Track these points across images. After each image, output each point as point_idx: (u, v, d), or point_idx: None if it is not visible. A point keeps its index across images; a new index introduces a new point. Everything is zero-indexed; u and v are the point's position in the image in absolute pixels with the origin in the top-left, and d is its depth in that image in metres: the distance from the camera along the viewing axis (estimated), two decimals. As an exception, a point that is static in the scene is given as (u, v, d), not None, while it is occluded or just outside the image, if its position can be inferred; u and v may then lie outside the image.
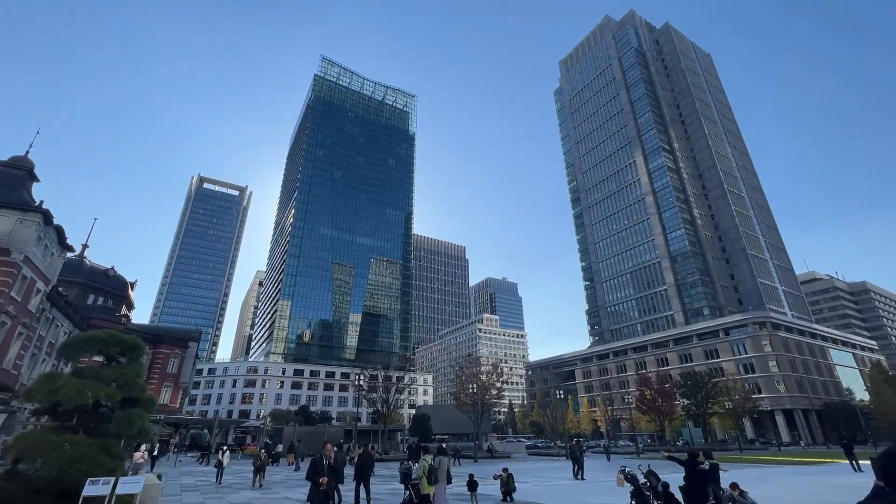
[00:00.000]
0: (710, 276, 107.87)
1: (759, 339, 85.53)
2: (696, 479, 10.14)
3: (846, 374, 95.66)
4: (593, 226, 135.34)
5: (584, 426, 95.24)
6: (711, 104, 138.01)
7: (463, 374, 53.18)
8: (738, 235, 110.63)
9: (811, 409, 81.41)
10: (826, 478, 23.90)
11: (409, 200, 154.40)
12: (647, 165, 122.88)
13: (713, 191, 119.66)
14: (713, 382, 67.68)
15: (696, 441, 69.19)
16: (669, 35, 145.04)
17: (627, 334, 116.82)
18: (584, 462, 26.25)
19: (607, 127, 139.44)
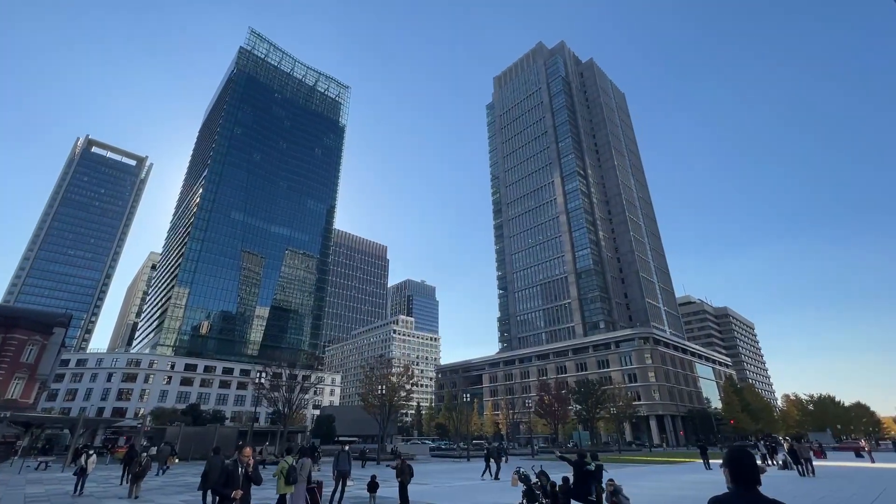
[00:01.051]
0: (607, 294, 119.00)
1: (642, 352, 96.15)
2: (583, 478, 11.23)
3: (706, 385, 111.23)
4: (511, 238, 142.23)
5: (486, 428, 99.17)
6: (622, 139, 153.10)
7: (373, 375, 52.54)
8: (634, 259, 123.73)
9: (678, 415, 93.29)
10: (684, 475, 27.63)
11: (333, 194, 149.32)
12: (563, 187, 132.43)
13: (616, 217, 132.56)
14: (602, 390, 74.56)
15: (583, 443, 75.71)
16: (592, 70, 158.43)
17: (533, 342, 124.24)
18: (501, 463, 27.40)
19: (532, 146, 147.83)
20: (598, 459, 12.26)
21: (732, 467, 3.20)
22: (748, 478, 3.11)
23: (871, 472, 29.27)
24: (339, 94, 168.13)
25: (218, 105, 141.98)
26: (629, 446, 79.23)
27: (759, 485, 3.21)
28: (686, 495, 18.33)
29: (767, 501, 3.00)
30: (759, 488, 3.15)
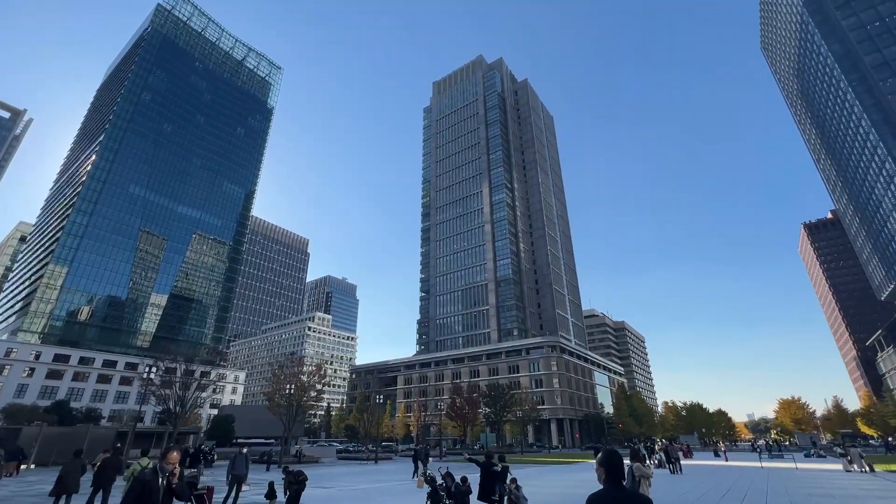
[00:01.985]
0: (523, 303, 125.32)
1: (549, 359, 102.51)
2: (489, 479, 11.72)
3: (602, 391, 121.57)
4: (437, 242, 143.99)
5: (397, 430, 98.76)
6: (547, 158, 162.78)
7: (282, 374, 49.75)
8: (549, 272, 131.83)
9: (575, 419, 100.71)
10: (577, 474, 29.93)
11: (254, 178, 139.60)
12: (491, 197, 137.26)
13: (536, 231, 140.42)
14: (511, 394, 78.12)
15: (490, 445, 78.60)
16: (526, 90, 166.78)
17: (450, 346, 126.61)
18: (427, 464, 27.35)
19: (464, 154, 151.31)
20: (504, 461, 12.88)
21: (605, 467, 3.63)
22: (616, 476, 3.56)
23: (726, 468, 34.19)
24: (269, 74, 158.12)
25: (125, 64, 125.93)
26: (531, 448, 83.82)
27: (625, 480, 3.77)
28: (577, 493, 19.90)
29: (630, 495, 3.50)
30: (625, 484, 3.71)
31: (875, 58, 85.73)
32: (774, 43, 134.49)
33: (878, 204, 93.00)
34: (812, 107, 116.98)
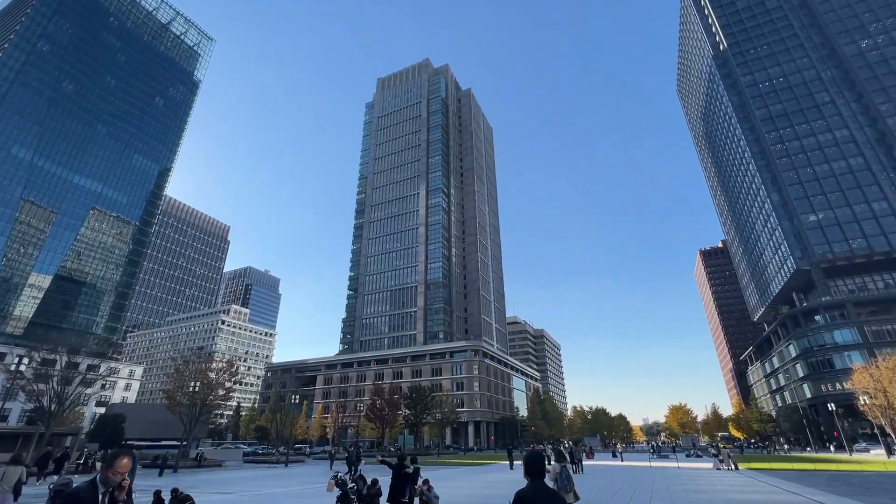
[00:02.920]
0: (450, 307, 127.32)
1: (472, 363, 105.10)
2: (400, 481, 11.81)
3: (518, 396, 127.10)
4: (370, 240, 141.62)
5: (313, 432, 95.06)
6: (484, 168, 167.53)
7: (186, 370, 45.70)
8: (477, 278, 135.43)
9: (492, 422, 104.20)
10: (491, 475, 30.99)
11: (171, 154, 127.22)
12: (427, 200, 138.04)
13: (469, 237, 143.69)
14: (432, 396, 78.86)
15: (407, 446, 78.58)
16: (469, 99, 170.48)
17: (375, 347, 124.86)
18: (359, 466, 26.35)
19: (405, 155, 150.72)
20: (416, 462, 13.01)
21: (526, 465, 4.46)
22: (536, 472, 4.38)
23: (621, 468, 37.42)
24: (199, 44, 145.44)
25: (18, 6, 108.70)
26: (447, 449, 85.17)
27: (543, 478, 4.44)
28: (486, 493, 20.63)
29: (548, 491, 4.32)
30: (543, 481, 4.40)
31: (763, 112, 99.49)
32: (688, 88, 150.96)
33: (757, 238, 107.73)
34: (713, 148, 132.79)
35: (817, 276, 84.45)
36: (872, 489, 20.71)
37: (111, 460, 4.59)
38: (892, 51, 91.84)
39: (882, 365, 55.70)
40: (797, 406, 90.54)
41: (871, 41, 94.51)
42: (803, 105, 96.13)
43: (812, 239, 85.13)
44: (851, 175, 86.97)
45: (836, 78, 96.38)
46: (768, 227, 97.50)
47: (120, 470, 4.46)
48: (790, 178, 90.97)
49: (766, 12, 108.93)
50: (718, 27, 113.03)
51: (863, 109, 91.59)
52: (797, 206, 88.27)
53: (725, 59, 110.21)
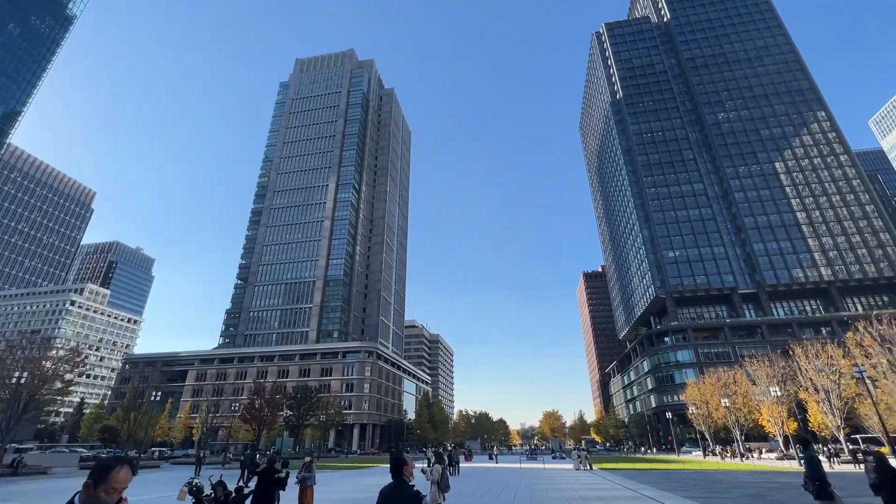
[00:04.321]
0: (349, 305, 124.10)
1: (364, 364, 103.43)
2: (268, 485, 11.19)
3: (408, 399, 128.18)
4: (269, 228, 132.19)
5: (176, 434, 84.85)
6: (399, 170, 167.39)
7: (12, 356, 37.76)
8: (380, 279, 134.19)
9: (379, 425, 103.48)
10: (367, 478, 30.75)
11: (24, 96, 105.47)
12: (336, 194, 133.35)
13: (376, 237, 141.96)
14: (319, 397, 75.83)
15: (286, 450, 74.32)
16: (391, 99, 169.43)
17: (262, 342, 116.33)
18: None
19: (317, 144, 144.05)
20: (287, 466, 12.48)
21: (391, 466, 4.83)
22: (396, 472, 4.79)
23: (495, 469, 39.82)
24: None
25: None
26: (329, 453, 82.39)
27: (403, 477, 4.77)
28: (361, 497, 20.48)
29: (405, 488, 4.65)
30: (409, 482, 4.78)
31: (644, 159, 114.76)
32: (588, 124, 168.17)
33: (629, 266, 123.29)
34: (603, 182, 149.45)
35: (670, 303, 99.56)
36: (688, 484, 24.97)
37: (102, 473, 3.26)
38: (739, 126, 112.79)
39: (706, 381, 67.31)
40: (644, 414, 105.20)
41: (726, 115, 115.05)
42: (673, 158, 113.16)
43: (669, 272, 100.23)
44: (701, 222, 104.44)
45: (698, 140, 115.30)
46: (638, 258, 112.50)
47: (117, 486, 3.30)
48: (658, 218, 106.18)
49: (654, 74, 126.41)
50: (617, 78, 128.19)
51: (714, 169, 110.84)
52: (661, 242, 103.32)
53: (620, 108, 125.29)
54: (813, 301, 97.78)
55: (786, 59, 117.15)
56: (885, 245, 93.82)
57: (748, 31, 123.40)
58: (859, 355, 44.38)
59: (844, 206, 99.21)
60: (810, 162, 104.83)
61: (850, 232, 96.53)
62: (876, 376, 41.65)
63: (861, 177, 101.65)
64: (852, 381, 44.01)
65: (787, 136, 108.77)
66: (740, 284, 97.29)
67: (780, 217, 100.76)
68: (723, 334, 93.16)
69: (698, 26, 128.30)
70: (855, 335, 45.72)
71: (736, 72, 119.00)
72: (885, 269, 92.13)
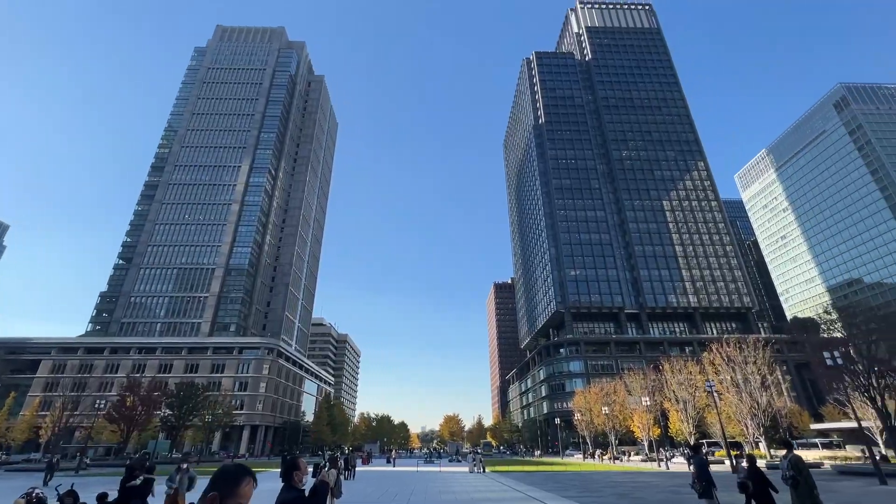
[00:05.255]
0: (251, 298, 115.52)
1: (263, 362, 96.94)
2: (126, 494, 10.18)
3: (308, 400, 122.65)
4: (164, 205, 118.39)
5: (16, 434, 71.29)
6: (321, 161, 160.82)
7: None
8: (289, 272, 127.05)
9: (273, 426, 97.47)
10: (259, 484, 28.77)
11: None
12: (249, 177, 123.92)
13: (289, 228, 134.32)
14: (206, 395, 69.38)
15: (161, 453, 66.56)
16: (321, 86, 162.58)
17: (143, 332, 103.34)
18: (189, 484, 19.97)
19: (233, 120, 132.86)
20: (153, 472, 11.37)
21: (281, 470, 4.79)
22: (285, 478, 4.73)
23: (392, 473, 39.76)
24: None
25: None
26: (213, 456, 75.60)
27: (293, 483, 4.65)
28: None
29: (298, 492, 4.59)
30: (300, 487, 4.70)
31: (557, 183, 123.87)
32: (512, 142, 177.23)
33: (535, 280, 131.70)
34: (520, 199, 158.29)
35: (567, 318, 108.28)
36: (568, 485, 27.33)
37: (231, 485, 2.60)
38: (638, 164, 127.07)
39: (592, 390, 74.20)
40: (536, 419, 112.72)
41: (629, 153, 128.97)
42: (582, 185, 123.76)
43: (569, 289, 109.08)
44: (600, 246, 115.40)
45: (605, 171, 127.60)
46: (544, 273, 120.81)
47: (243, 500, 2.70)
48: (565, 238, 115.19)
49: (573, 106, 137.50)
50: (542, 104, 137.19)
51: (615, 200, 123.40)
52: (565, 261, 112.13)
53: (541, 132, 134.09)
54: (682, 323, 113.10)
55: (679, 112, 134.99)
56: (737, 280, 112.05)
57: (652, 83, 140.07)
58: (711, 372, 52.35)
59: (711, 244, 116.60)
60: (689, 203, 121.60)
61: (713, 267, 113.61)
62: (722, 391, 49.44)
63: (725, 221, 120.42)
64: (704, 394, 51.65)
65: (673, 178, 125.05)
66: (627, 305, 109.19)
67: (663, 248, 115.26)
68: (609, 349, 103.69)
69: (613, 70, 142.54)
70: (709, 355, 53.93)
71: (639, 116, 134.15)
72: (735, 300, 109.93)
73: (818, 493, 10.81)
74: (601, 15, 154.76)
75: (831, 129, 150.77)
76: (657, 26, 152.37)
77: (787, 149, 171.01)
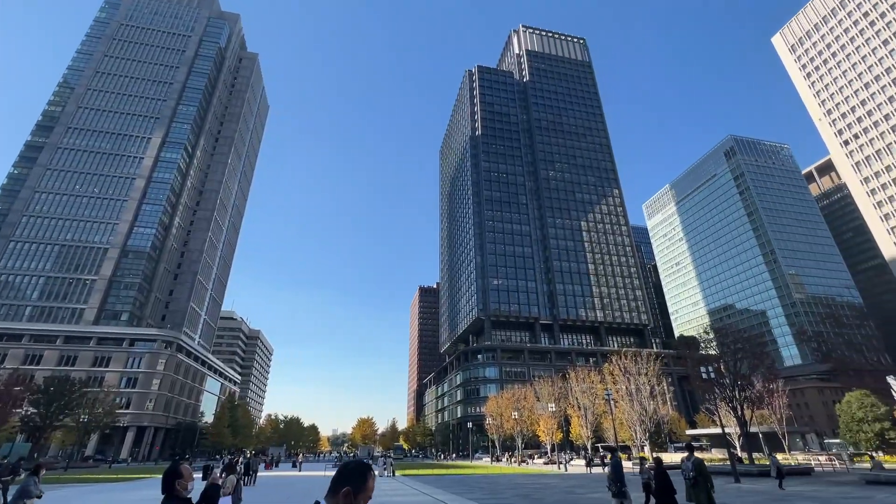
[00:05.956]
0: (151, 285, 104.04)
1: (158, 356, 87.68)
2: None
3: (209, 399, 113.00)
4: (50, 170, 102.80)
5: None
6: (247, 144, 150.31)
7: None
8: (199, 259, 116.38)
9: (163, 427, 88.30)
10: (138, 492, 25.91)
11: None
12: (160, 151, 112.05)
13: (203, 212, 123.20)
14: (84, 392, 61.11)
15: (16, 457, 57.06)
16: (253, 65, 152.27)
17: (7, 316, 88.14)
18: None
19: (147, 87, 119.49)
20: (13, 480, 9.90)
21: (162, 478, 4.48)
22: (166, 487, 4.46)
23: (296, 478, 38.03)
24: None
25: None
26: (87, 461, 66.52)
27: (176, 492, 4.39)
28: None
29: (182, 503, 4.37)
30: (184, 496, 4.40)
31: (488, 194, 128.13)
32: (448, 150, 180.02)
33: (460, 287, 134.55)
34: (452, 206, 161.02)
35: (487, 325, 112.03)
36: (475, 487, 28.23)
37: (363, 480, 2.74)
38: (563, 185, 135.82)
39: (504, 396, 77.32)
40: (449, 423, 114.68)
41: (555, 174, 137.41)
42: (511, 199, 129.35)
43: (491, 297, 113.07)
44: (522, 258, 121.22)
45: (532, 188, 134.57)
46: (469, 280, 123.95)
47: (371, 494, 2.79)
48: (491, 248, 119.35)
49: (509, 123, 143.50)
50: (480, 117, 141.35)
51: (540, 216, 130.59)
52: (489, 270, 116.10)
53: (477, 144, 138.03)
54: (588, 335, 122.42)
55: (601, 141, 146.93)
56: (638, 299, 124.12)
57: (580, 112, 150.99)
58: (610, 382, 57.37)
59: (619, 265, 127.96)
60: (603, 226, 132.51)
61: (619, 286, 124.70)
62: (618, 399, 54.36)
63: (632, 245, 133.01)
64: (603, 402, 56.38)
65: (592, 202, 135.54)
66: (542, 315, 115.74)
67: (578, 265, 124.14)
68: (523, 356, 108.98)
69: (547, 94, 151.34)
70: (609, 366, 59.07)
71: (567, 140, 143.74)
72: (635, 317, 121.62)
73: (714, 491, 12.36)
74: (541, 41, 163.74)
75: (721, 173, 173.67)
76: (588, 60, 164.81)
77: (686, 185, 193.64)
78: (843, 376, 42.07)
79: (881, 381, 34.63)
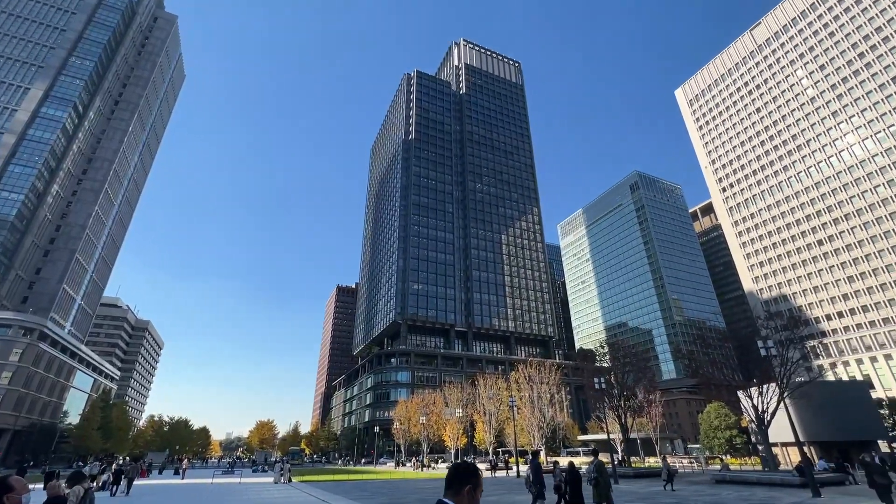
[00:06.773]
0: (12, 261, 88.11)
1: (13, 345, 74.57)
2: None
3: (77, 397, 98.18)
4: None
5: None
6: (153, 113, 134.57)
7: None
8: (80, 236, 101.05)
9: (13, 429, 74.92)
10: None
11: None
12: (41, 106, 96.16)
13: (91, 182, 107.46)
14: None
15: None
16: (171, 27, 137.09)
17: None
18: None
19: (29, 27, 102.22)
20: None
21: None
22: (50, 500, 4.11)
23: (178, 487, 34.55)
24: None
25: None
26: None
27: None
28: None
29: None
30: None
31: (415, 199, 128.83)
32: (380, 150, 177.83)
33: (379, 289, 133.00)
34: (378, 207, 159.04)
35: (403, 329, 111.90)
36: (377, 493, 27.94)
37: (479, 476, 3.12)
38: (488, 199, 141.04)
39: (414, 400, 77.67)
40: (356, 427, 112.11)
41: (482, 186, 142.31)
42: (438, 207, 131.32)
43: (409, 301, 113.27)
44: (444, 265, 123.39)
45: (459, 198, 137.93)
46: (389, 283, 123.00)
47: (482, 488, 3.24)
48: (413, 253, 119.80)
49: (443, 131, 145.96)
50: (414, 122, 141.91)
51: (464, 226, 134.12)
52: (410, 275, 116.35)
53: (409, 148, 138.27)
54: (499, 344, 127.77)
55: (526, 162, 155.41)
56: (546, 312, 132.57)
57: (510, 131, 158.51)
58: (515, 389, 60.42)
59: (532, 279, 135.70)
60: (521, 241, 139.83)
61: (530, 298, 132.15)
62: (521, 406, 57.39)
63: (545, 262, 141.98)
64: (507, 408, 59.13)
65: (513, 217, 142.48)
66: (458, 322, 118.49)
67: (495, 276, 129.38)
68: (436, 362, 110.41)
69: (481, 110, 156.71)
70: (516, 374, 62.26)
71: (495, 156, 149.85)
72: (542, 329, 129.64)
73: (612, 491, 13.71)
74: (479, 57, 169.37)
75: (626, 203, 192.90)
76: (522, 83, 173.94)
77: (596, 211, 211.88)
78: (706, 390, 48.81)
79: (734, 394, 40.81)
